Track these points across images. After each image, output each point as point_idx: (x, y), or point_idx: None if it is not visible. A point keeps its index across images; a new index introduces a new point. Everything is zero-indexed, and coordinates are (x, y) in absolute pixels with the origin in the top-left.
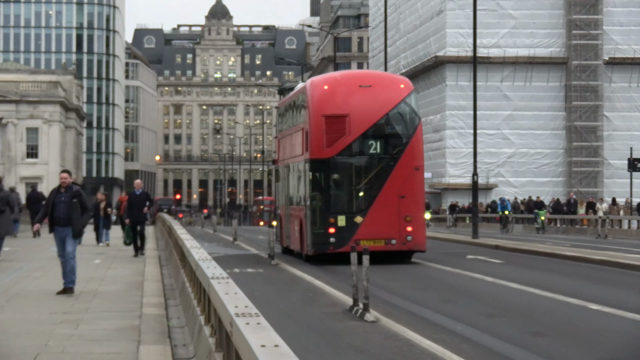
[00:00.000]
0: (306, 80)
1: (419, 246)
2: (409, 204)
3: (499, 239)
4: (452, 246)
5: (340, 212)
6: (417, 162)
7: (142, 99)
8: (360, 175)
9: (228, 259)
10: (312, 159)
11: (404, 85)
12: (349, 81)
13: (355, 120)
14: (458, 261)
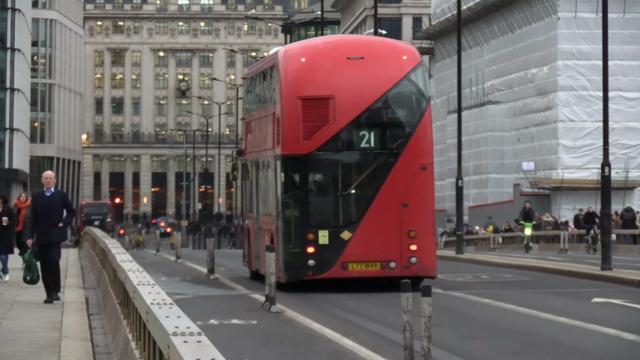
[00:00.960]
0: (278, 49)
1: (427, 271)
2: (414, 215)
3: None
4: (567, 281)
5: (322, 226)
6: (424, 159)
7: (61, 40)
8: (349, 177)
9: (201, 303)
10: (285, 156)
11: (408, 56)
12: (335, 51)
13: (342, 104)
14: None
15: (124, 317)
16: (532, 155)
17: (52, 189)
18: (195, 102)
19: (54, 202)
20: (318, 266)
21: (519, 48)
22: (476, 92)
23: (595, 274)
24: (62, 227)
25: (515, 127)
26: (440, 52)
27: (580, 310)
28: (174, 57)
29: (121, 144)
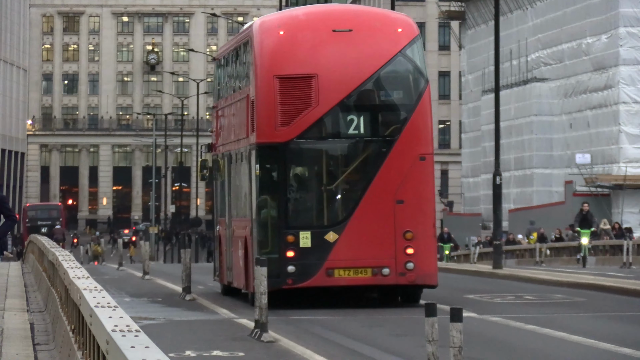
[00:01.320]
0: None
1: (426, 278)
2: (411, 213)
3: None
4: (632, 303)
5: (303, 227)
6: (423, 148)
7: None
8: (335, 169)
9: (174, 330)
10: (260, 144)
11: (403, 28)
12: (318, 23)
13: (326, 84)
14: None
15: (79, 348)
16: (588, 145)
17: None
18: (168, 78)
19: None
20: (299, 273)
21: (571, 12)
22: (518, 66)
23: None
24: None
25: (566, 111)
26: (473, 17)
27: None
28: (141, 22)
29: (75, 131)
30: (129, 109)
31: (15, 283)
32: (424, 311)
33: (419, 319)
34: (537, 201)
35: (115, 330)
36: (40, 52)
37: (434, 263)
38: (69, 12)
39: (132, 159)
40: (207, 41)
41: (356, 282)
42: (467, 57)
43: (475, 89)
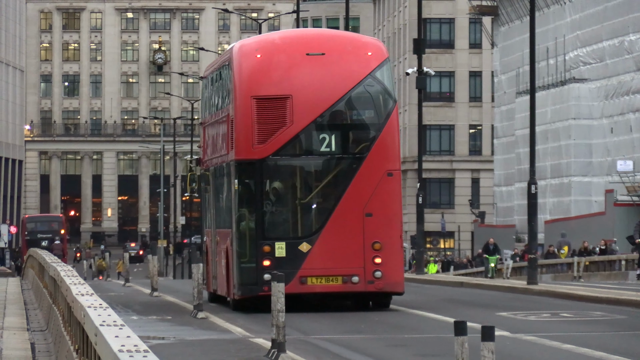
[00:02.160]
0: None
1: (393, 286)
2: (379, 225)
3: None
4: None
5: (278, 238)
6: (390, 165)
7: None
8: (308, 184)
9: (185, 351)
10: (239, 161)
11: (373, 52)
12: (293, 47)
13: (300, 105)
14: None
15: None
16: (630, 151)
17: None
18: (176, 79)
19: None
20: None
21: (613, 7)
22: (555, 66)
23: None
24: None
25: (607, 114)
26: (506, 12)
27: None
28: (147, 19)
29: (77, 136)
30: (135, 112)
31: (14, 300)
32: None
33: (448, 338)
34: (575, 212)
35: (122, 351)
36: (38, 51)
37: (400, 272)
38: (68, 8)
39: (138, 166)
40: (218, 39)
41: (328, 290)
42: (500, 56)
43: (509, 90)
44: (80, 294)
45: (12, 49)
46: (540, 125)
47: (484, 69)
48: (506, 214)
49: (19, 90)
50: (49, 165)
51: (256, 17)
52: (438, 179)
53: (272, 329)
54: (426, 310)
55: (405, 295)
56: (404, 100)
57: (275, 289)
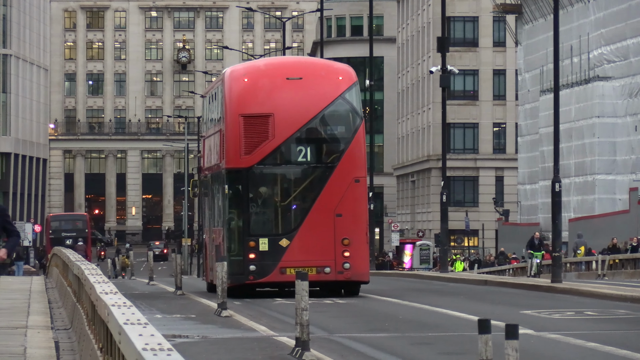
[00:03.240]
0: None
1: (359, 276)
2: (348, 224)
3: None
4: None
5: (262, 234)
6: (357, 173)
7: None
8: (287, 189)
9: (209, 349)
10: (229, 169)
11: (343, 76)
12: (275, 72)
13: (281, 121)
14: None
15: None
16: None
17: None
18: (200, 78)
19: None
20: (258, 271)
21: (637, 5)
22: (579, 64)
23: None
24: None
25: (631, 112)
26: (530, 10)
27: None
28: (171, 17)
29: (101, 135)
30: (159, 111)
31: (38, 299)
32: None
33: (472, 337)
34: (600, 210)
35: (146, 349)
36: (62, 50)
37: (366, 264)
38: (92, 7)
39: (162, 165)
40: (242, 38)
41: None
42: (524, 54)
43: (533, 88)
44: (104, 292)
45: (36, 48)
46: (564, 124)
47: (507, 67)
48: (530, 212)
49: (43, 89)
50: (73, 164)
51: (280, 15)
52: (462, 177)
53: (296, 327)
54: (450, 309)
55: (429, 293)
56: (428, 99)
57: (299, 287)
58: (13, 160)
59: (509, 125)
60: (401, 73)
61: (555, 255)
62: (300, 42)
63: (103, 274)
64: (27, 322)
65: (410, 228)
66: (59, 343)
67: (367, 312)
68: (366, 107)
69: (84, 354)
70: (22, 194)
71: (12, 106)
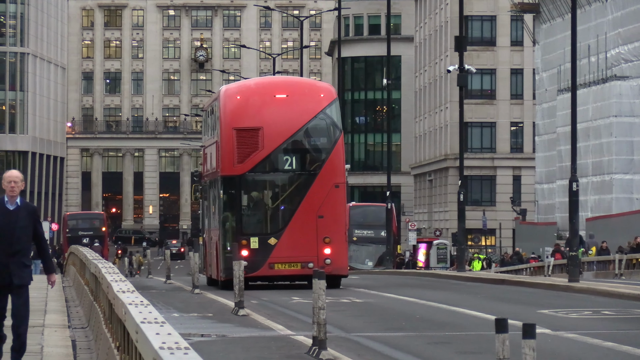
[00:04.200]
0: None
1: (339, 270)
2: (328, 225)
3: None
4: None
5: (253, 234)
6: (337, 179)
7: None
8: (275, 194)
9: (226, 348)
10: (223, 176)
11: (325, 94)
12: (264, 90)
13: (269, 134)
14: None
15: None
16: None
17: (17, 200)
18: (218, 77)
19: (20, 220)
20: (250, 266)
21: None
22: (596, 63)
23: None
24: (25, 269)
25: None
26: (548, 10)
27: None
28: (189, 16)
29: (118, 134)
30: (176, 109)
31: (55, 297)
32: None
33: (489, 336)
34: (617, 209)
35: (163, 348)
36: (80, 48)
37: (345, 260)
38: (110, 5)
39: (179, 164)
40: (260, 36)
41: (290, 273)
42: (541, 54)
43: (551, 88)
44: (122, 291)
45: (54, 47)
46: (581, 123)
47: (525, 67)
48: (547, 212)
49: (61, 88)
50: (90, 163)
51: (298, 14)
52: (479, 176)
53: (313, 326)
54: (467, 308)
55: (443, 292)
56: (445, 98)
57: (317, 286)
58: (30, 158)
59: (526, 124)
60: (419, 72)
61: (572, 254)
62: (317, 41)
63: (120, 272)
64: (44, 321)
65: (427, 227)
66: (76, 342)
67: (384, 311)
68: (384, 106)
69: (100, 352)
70: (40, 193)
71: (30, 105)
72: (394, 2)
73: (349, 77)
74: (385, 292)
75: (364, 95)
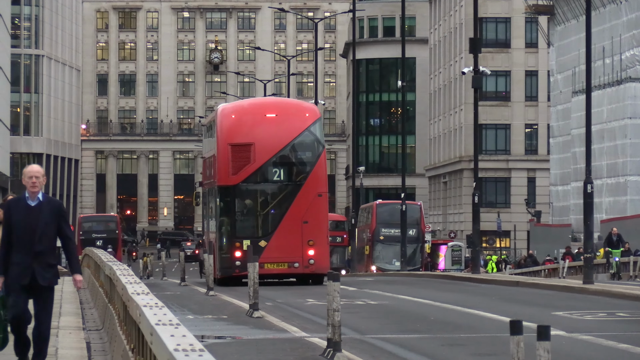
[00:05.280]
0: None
1: (322, 269)
2: (312, 229)
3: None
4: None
5: (245, 237)
6: (320, 189)
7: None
8: (265, 202)
9: (240, 350)
10: (220, 186)
11: (309, 113)
12: (256, 110)
13: (260, 149)
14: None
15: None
16: None
17: (39, 196)
18: (232, 79)
19: (44, 216)
20: (242, 266)
21: None
22: (611, 65)
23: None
24: (51, 267)
25: None
26: (562, 11)
27: None
28: (203, 18)
29: (133, 136)
30: (191, 112)
31: (70, 299)
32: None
33: (504, 338)
34: (632, 211)
35: (177, 350)
36: (95, 50)
37: (327, 260)
38: (125, 7)
39: (194, 166)
40: (274, 38)
41: (278, 271)
42: (556, 56)
43: (565, 89)
44: (136, 293)
45: (68, 49)
46: (596, 125)
47: (540, 68)
48: (562, 214)
49: (75, 90)
50: (105, 165)
51: (312, 16)
52: (494, 178)
53: (327, 328)
54: (481, 310)
55: (458, 294)
56: (460, 100)
57: (331, 288)
58: (45, 160)
59: (540, 126)
60: (433, 74)
61: (587, 256)
62: (332, 43)
63: (135, 274)
64: (59, 323)
65: (442, 229)
66: (90, 344)
67: (399, 313)
68: (398, 108)
69: (115, 354)
70: (54, 195)
71: (44, 107)
72: (409, 4)
73: (363, 79)
74: (399, 294)
75: (379, 97)
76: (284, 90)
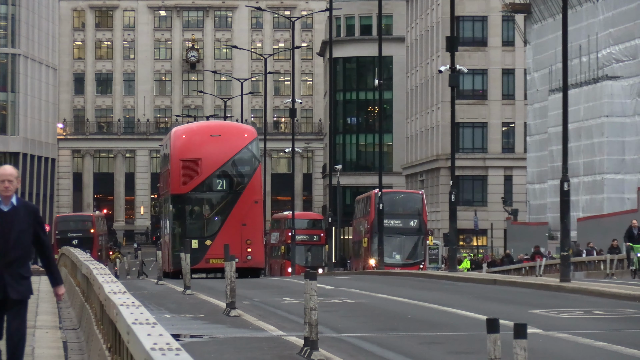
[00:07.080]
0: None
1: (258, 264)
2: (250, 231)
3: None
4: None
5: (194, 237)
6: (256, 197)
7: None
8: (210, 207)
9: (217, 349)
10: (173, 194)
11: (248, 134)
12: (203, 131)
13: (206, 163)
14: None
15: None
16: None
17: (13, 200)
18: (209, 78)
19: (17, 223)
20: (192, 261)
21: None
22: (587, 63)
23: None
24: (23, 278)
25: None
26: (539, 10)
27: None
28: (180, 17)
29: (109, 135)
30: (168, 110)
31: (47, 299)
32: (485, 326)
33: (481, 336)
34: (608, 209)
35: (154, 349)
36: (71, 49)
37: (261, 257)
38: (101, 7)
39: None
40: (251, 37)
41: (221, 266)
42: (532, 54)
43: (542, 88)
44: (113, 292)
45: (45, 48)
46: (573, 123)
47: (516, 67)
48: (539, 212)
49: (52, 89)
50: (81, 164)
51: (289, 15)
52: (471, 176)
53: (305, 326)
54: (459, 308)
55: (435, 292)
56: (437, 98)
57: (308, 286)
58: (21, 159)
59: (517, 124)
60: (410, 72)
61: (563, 254)
62: (309, 42)
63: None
64: (36, 322)
65: None
66: (67, 343)
67: (377, 312)
68: (375, 106)
69: (92, 353)
70: (31, 194)
71: (21, 106)
72: (385, 3)
73: (340, 78)
74: (377, 292)
75: (356, 95)
76: (261, 89)
